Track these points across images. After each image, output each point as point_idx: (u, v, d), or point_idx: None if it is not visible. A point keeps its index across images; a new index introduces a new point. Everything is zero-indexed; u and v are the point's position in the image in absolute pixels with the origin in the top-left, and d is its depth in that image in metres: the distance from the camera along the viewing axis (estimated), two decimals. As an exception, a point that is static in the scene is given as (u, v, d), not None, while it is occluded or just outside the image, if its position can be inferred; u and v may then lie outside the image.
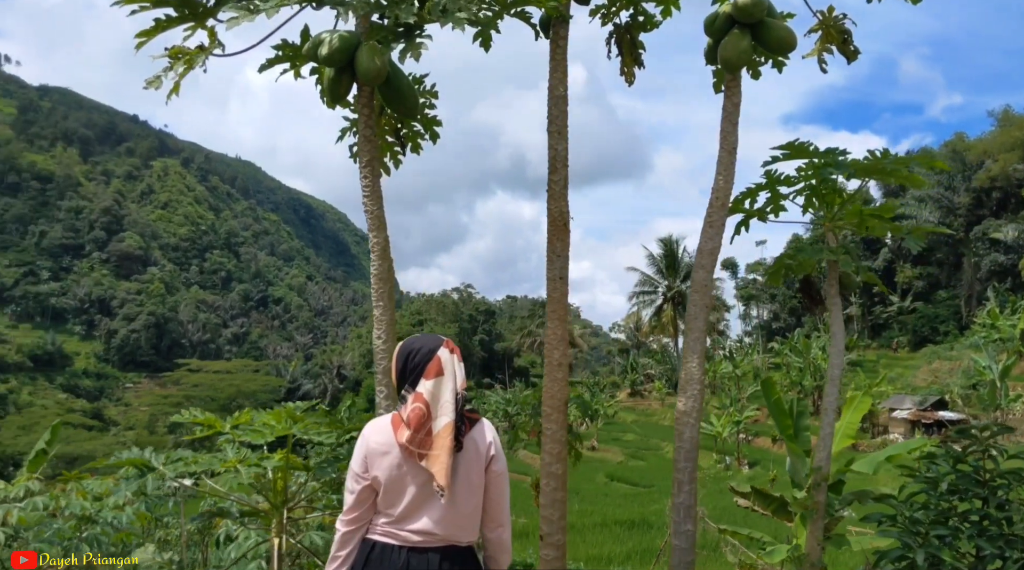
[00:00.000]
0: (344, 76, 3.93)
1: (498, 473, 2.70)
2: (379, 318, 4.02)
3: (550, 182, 4.42)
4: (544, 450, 4.41)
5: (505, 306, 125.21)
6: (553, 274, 4.42)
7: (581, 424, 57.59)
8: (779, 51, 4.57)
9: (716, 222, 4.54)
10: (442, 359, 2.65)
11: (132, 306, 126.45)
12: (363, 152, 3.98)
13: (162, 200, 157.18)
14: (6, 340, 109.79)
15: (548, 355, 4.41)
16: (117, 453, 4.98)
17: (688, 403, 4.49)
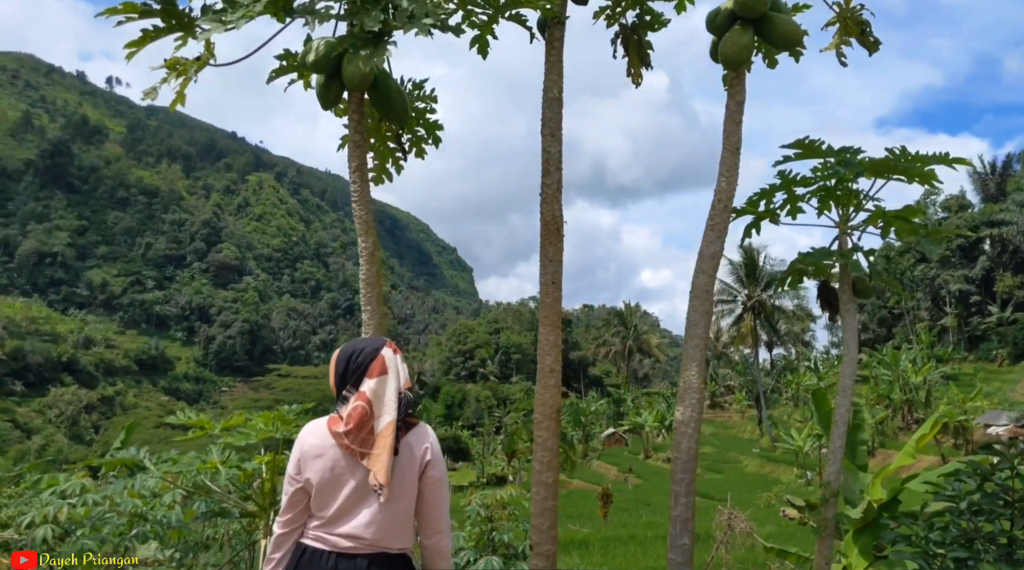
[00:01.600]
0: (334, 82, 3.96)
1: (434, 478, 2.62)
2: (367, 323, 4.01)
3: (543, 185, 4.33)
4: (535, 458, 4.29)
5: (582, 315, 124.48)
6: (546, 279, 4.32)
7: (658, 435, 56.56)
8: (784, 46, 4.35)
9: (718, 225, 4.34)
10: (386, 358, 2.62)
11: (228, 313, 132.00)
12: (352, 157, 4.00)
13: (257, 213, 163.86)
14: (115, 345, 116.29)
15: (540, 360, 4.31)
16: (113, 452, 5.13)
17: (686, 412, 4.30)
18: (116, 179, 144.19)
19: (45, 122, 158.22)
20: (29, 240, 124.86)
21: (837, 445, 4.55)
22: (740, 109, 4.34)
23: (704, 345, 4.37)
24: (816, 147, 4.40)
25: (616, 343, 78.14)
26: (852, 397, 4.43)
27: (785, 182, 4.69)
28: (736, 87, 4.36)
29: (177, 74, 3.70)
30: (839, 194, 4.54)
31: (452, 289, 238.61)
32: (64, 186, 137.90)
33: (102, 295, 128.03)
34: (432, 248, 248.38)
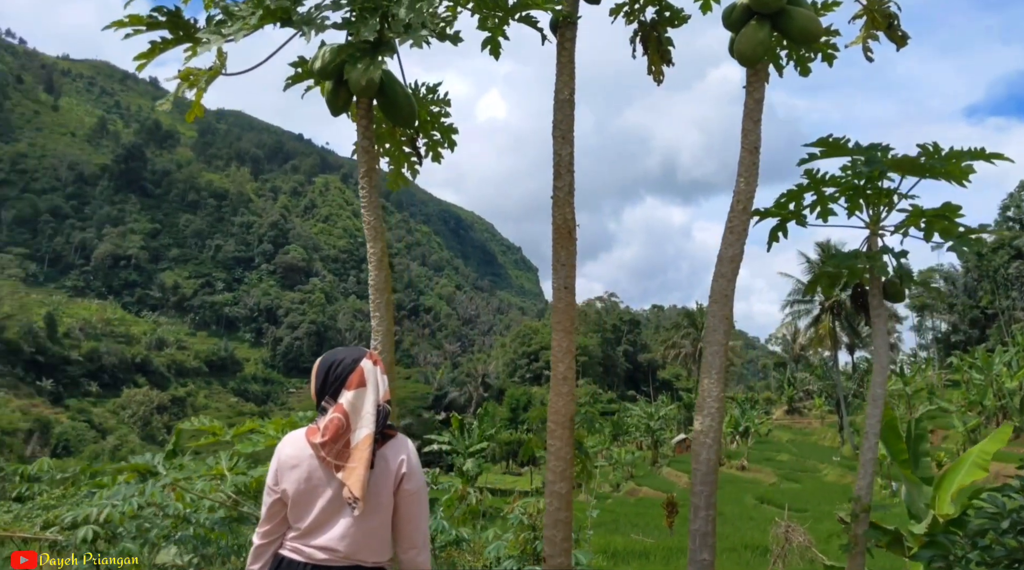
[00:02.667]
0: (341, 88, 4.08)
1: (410, 492, 2.63)
2: (376, 328, 4.11)
3: (554, 188, 4.35)
4: (548, 468, 4.31)
5: (651, 316, 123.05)
6: (558, 284, 4.34)
7: (732, 442, 55.39)
8: (803, 41, 4.26)
9: (737, 228, 4.27)
10: (365, 370, 2.64)
11: (295, 315, 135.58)
12: (361, 163, 4.11)
13: (323, 214, 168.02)
14: (186, 347, 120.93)
15: (553, 367, 4.32)
16: (130, 457, 5.35)
17: (705, 422, 4.25)
18: (187, 182, 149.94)
19: (120, 127, 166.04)
20: (105, 243, 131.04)
21: (868, 457, 4.41)
22: (759, 107, 4.27)
23: (724, 352, 4.31)
24: (841, 145, 4.29)
25: (686, 345, 76.93)
26: (882, 407, 4.29)
27: (813, 182, 4.57)
28: (754, 85, 4.28)
29: (189, 85, 3.88)
30: (869, 193, 4.40)
31: (517, 289, 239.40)
32: (138, 190, 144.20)
33: (174, 297, 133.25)
34: (497, 248, 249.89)
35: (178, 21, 3.65)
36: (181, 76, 3.90)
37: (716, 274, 4.36)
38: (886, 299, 4.39)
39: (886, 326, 4.33)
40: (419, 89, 4.65)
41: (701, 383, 4.31)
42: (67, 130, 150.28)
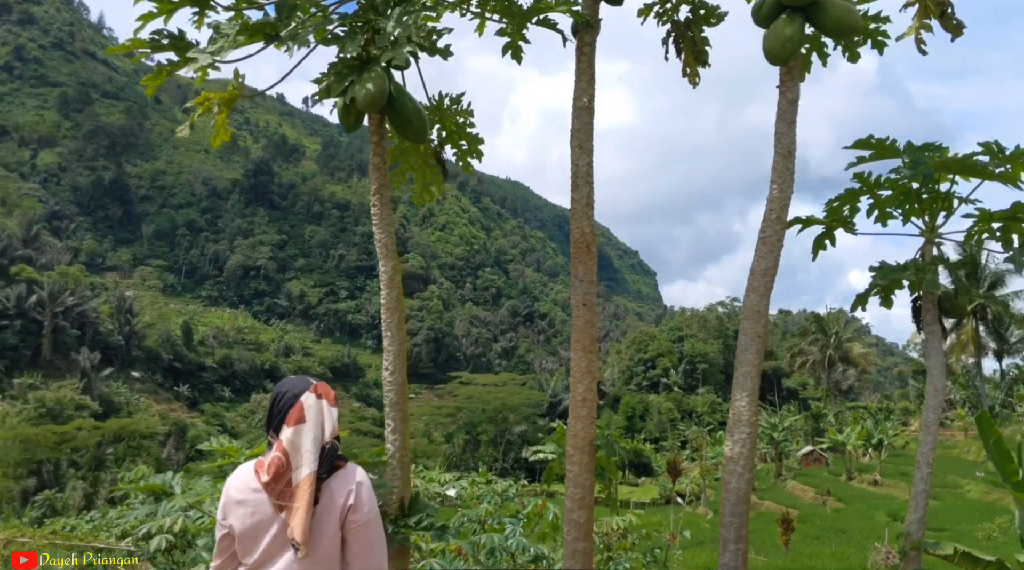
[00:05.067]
0: (352, 105, 4.12)
1: (357, 523, 2.56)
2: (387, 348, 4.12)
3: (572, 200, 4.21)
4: (567, 495, 4.16)
5: (778, 321, 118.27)
6: (577, 300, 4.19)
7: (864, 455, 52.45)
8: (838, 35, 3.94)
9: (771, 238, 3.98)
10: (304, 405, 2.58)
11: (414, 322, 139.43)
12: (373, 179, 4.14)
13: (440, 222, 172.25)
14: (311, 353, 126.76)
15: (572, 388, 4.18)
16: (154, 476, 5.53)
17: (736, 448, 3.98)
18: (312, 194, 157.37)
19: (249, 143, 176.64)
20: (236, 255, 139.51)
21: (919, 489, 4.02)
22: (793, 108, 3.97)
23: (757, 372, 4.03)
24: (890, 146, 3.93)
25: (814, 352, 73.57)
26: (936, 434, 3.88)
27: (867, 186, 4.21)
28: (788, 84, 4.00)
29: (204, 109, 4.03)
30: (924, 197, 4.01)
31: (634, 294, 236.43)
32: (266, 203, 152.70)
33: (300, 305, 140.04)
34: (612, 252, 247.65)
35: (182, 43, 3.77)
36: (198, 102, 4.06)
37: (748, 288, 4.10)
38: (943, 314, 3.97)
39: (941, 344, 3.92)
40: (442, 100, 4.63)
41: (732, 406, 4.05)
42: (201, 147, 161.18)
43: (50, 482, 48.44)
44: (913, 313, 4.24)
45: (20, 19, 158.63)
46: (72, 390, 74.39)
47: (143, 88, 3.94)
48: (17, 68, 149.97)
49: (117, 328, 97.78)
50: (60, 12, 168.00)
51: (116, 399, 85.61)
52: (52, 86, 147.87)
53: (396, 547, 4.23)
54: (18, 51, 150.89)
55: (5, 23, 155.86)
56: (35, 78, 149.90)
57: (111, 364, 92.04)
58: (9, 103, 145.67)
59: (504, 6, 4.18)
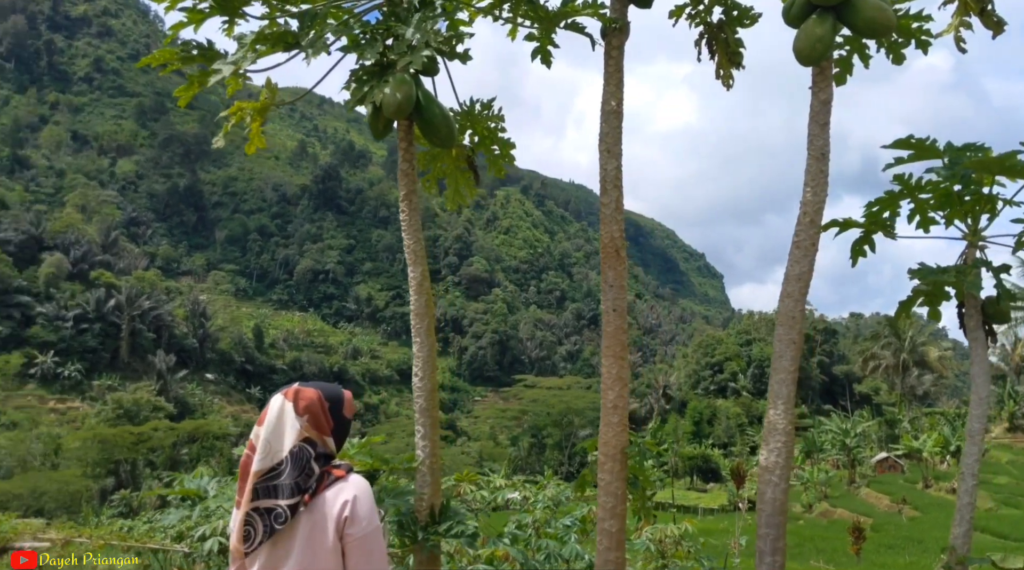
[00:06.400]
0: (380, 112, 4.19)
1: (354, 537, 2.50)
2: (417, 354, 4.17)
3: (602, 205, 4.20)
4: (599, 503, 4.13)
5: (850, 324, 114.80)
6: (607, 305, 4.17)
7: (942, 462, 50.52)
8: (871, 34, 3.83)
9: (804, 242, 3.89)
10: (270, 407, 2.62)
11: (479, 325, 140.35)
12: (402, 186, 4.20)
13: (504, 226, 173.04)
14: (378, 356, 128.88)
15: (603, 395, 4.15)
16: (188, 480, 5.66)
17: (771, 457, 3.89)
18: (378, 199, 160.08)
19: (318, 150, 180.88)
20: (305, 259, 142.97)
21: (964, 502, 3.85)
22: (826, 109, 3.88)
23: (793, 379, 3.94)
24: (929, 146, 3.78)
25: (887, 356, 71.20)
26: (981, 445, 3.72)
27: (908, 188, 4.07)
28: (821, 85, 3.90)
29: (237, 119, 4.17)
30: (967, 200, 3.85)
31: (701, 297, 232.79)
32: (334, 208, 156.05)
33: (367, 308, 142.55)
34: (678, 254, 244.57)
35: (210, 53, 3.89)
36: (230, 112, 4.19)
37: (782, 294, 4.01)
38: (988, 320, 3.81)
39: (986, 351, 3.76)
40: (473, 106, 4.67)
41: (767, 414, 3.96)
42: (271, 154, 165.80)
43: (127, 481, 50.46)
44: (962, 319, 4.08)
45: (99, 32, 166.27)
46: (148, 392, 77.44)
47: (215, 98, 4.13)
48: (96, 79, 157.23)
49: (191, 331, 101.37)
50: (137, 25, 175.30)
51: (190, 400, 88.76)
52: (129, 96, 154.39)
53: (426, 554, 4.27)
54: (97, 63, 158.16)
55: (85, 36, 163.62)
56: (113, 89, 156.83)
57: (186, 366, 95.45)
58: (89, 113, 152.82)
59: (532, 11, 4.19)
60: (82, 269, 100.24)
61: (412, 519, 4.27)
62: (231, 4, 3.89)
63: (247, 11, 3.96)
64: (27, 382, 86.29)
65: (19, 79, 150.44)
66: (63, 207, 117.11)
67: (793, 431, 3.93)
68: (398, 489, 4.39)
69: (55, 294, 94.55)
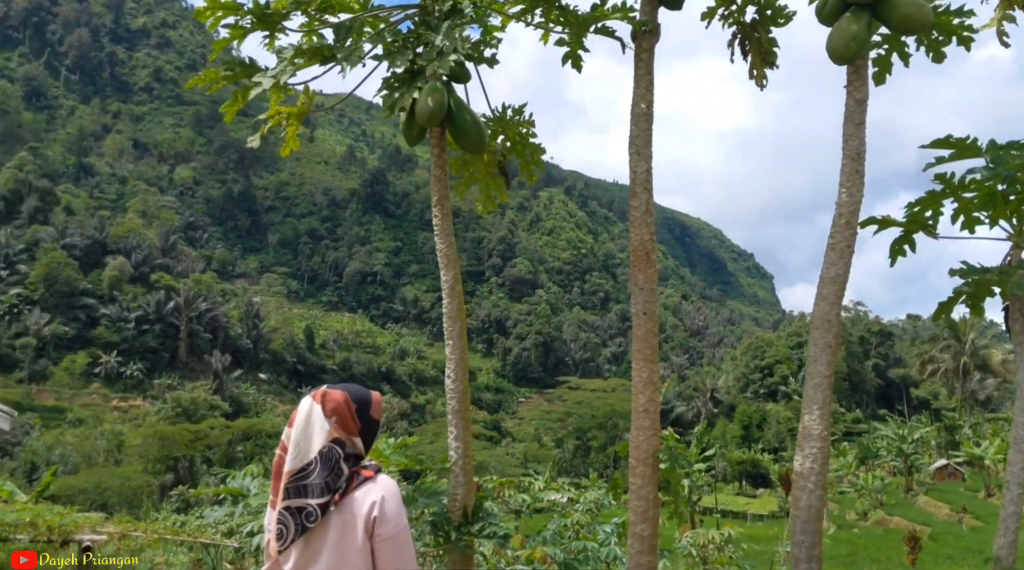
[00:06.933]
0: (414, 119, 4.25)
1: (383, 537, 2.55)
2: (449, 356, 4.21)
3: (631, 208, 4.17)
4: (631, 507, 4.10)
5: (907, 326, 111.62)
6: (637, 309, 4.14)
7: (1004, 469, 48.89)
8: (907, 32, 3.73)
9: (840, 244, 3.80)
10: (299, 409, 2.69)
11: (523, 326, 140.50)
12: (434, 191, 4.25)
13: (548, 227, 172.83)
14: (425, 356, 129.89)
15: (634, 399, 4.12)
16: (233, 479, 5.76)
17: (806, 463, 3.81)
18: (424, 202, 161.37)
19: (366, 154, 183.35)
20: (354, 261, 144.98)
21: (1009, 511, 3.73)
22: (861, 109, 3.79)
23: (828, 384, 3.86)
24: (969, 145, 3.67)
25: (946, 360, 69.06)
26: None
27: (950, 187, 3.95)
28: (856, 84, 3.81)
29: (275, 122, 4.27)
30: (1011, 199, 3.72)
31: (750, 299, 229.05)
32: (382, 211, 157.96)
33: (414, 310, 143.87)
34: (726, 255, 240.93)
35: (252, 69, 4.01)
36: (268, 115, 4.30)
37: (817, 297, 3.93)
38: (1033, 324, 3.68)
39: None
40: (505, 111, 4.69)
41: (802, 420, 3.89)
42: (321, 159, 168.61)
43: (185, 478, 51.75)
44: (1004, 322, 3.95)
45: (158, 43, 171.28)
46: (205, 391, 79.37)
47: (266, 106, 4.24)
48: (156, 89, 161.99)
49: (246, 332, 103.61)
50: (193, 35, 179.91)
51: (245, 399, 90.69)
52: (187, 105, 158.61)
53: (460, 554, 4.30)
54: (156, 73, 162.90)
55: (145, 47, 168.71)
56: (171, 98, 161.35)
57: (240, 366, 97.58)
58: (149, 122, 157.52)
59: (562, 15, 4.20)
60: (143, 272, 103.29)
61: (445, 519, 4.30)
62: (271, 19, 4.00)
63: (286, 24, 4.06)
64: (92, 381, 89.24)
65: (84, 90, 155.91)
66: (125, 213, 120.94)
67: (829, 437, 3.85)
68: (431, 489, 4.43)
69: (118, 296, 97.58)
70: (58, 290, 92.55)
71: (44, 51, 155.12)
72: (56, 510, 7.67)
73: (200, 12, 4.13)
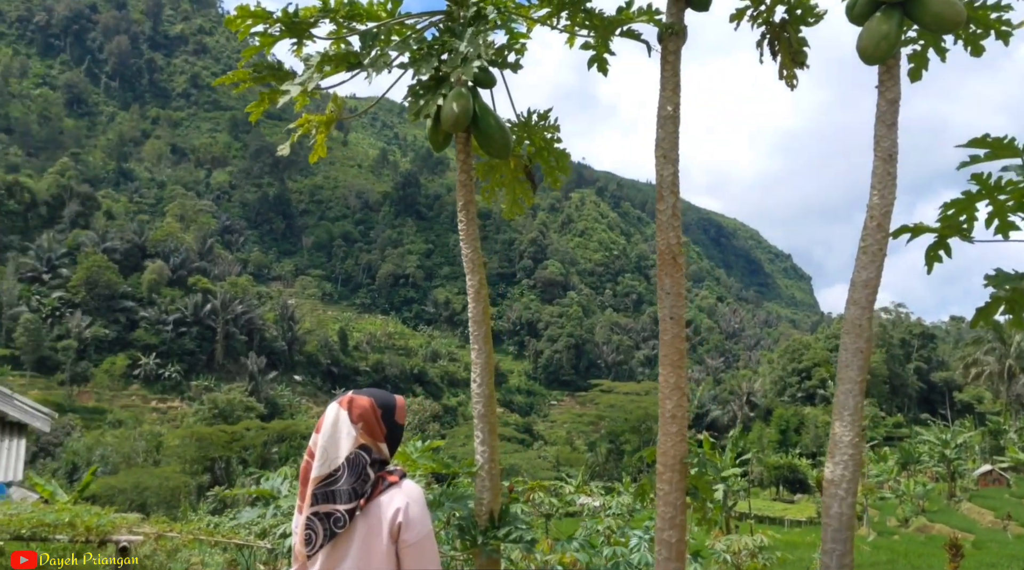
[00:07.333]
0: (439, 125, 4.29)
1: (408, 543, 2.57)
2: (475, 361, 4.23)
3: (658, 211, 4.15)
4: (657, 514, 4.07)
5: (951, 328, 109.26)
6: (664, 313, 4.12)
7: None
8: (939, 30, 3.66)
9: (872, 248, 3.74)
10: (326, 415, 2.71)
11: (555, 328, 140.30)
12: (459, 196, 4.28)
13: (579, 228, 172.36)
14: (456, 358, 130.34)
15: (661, 405, 4.10)
16: (265, 480, 5.82)
17: (837, 471, 3.76)
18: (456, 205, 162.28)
19: (398, 157, 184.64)
20: (387, 264, 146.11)
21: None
22: (893, 109, 3.73)
23: (860, 390, 3.80)
24: (1007, 145, 3.58)
25: (991, 363, 67.54)
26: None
27: (986, 188, 3.86)
28: (887, 84, 3.75)
29: (304, 131, 4.34)
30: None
31: (787, 300, 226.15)
32: (414, 214, 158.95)
33: (445, 312, 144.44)
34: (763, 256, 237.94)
35: (280, 73, 4.07)
36: (298, 124, 4.37)
37: (849, 301, 3.87)
38: (1073, 330, 3.58)
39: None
40: (531, 117, 4.71)
41: (833, 426, 3.83)
42: (354, 162, 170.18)
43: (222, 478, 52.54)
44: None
45: (195, 49, 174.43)
46: (241, 392, 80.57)
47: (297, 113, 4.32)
48: (193, 95, 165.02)
49: (281, 334, 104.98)
50: (230, 41, 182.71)
51: (280, 401, 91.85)
52: (223, 110, 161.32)
53: (486, 558, 4.31)
54: (194, 79, 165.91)
55: (182, 54, 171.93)
56: (208, 103, 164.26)
57: (275, 368, 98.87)
58: (187, 127, 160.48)
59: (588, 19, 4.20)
60: (181, 275, 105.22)
61: (472, 523, 4.31)
62: (300, 27, 4.07)
63: (314, 32, 4.13)
64: (131, 383, 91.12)
65: (123, 96, 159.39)
66: (163, 217, 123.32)
67: (861, 444, 3.79)
68: (458, 493, 4.44)
69: (156, 299, 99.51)
70: (99, 293, 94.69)
71: (85, 58, 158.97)
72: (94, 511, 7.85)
73: (230, 20, 4.21)
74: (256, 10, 4.02)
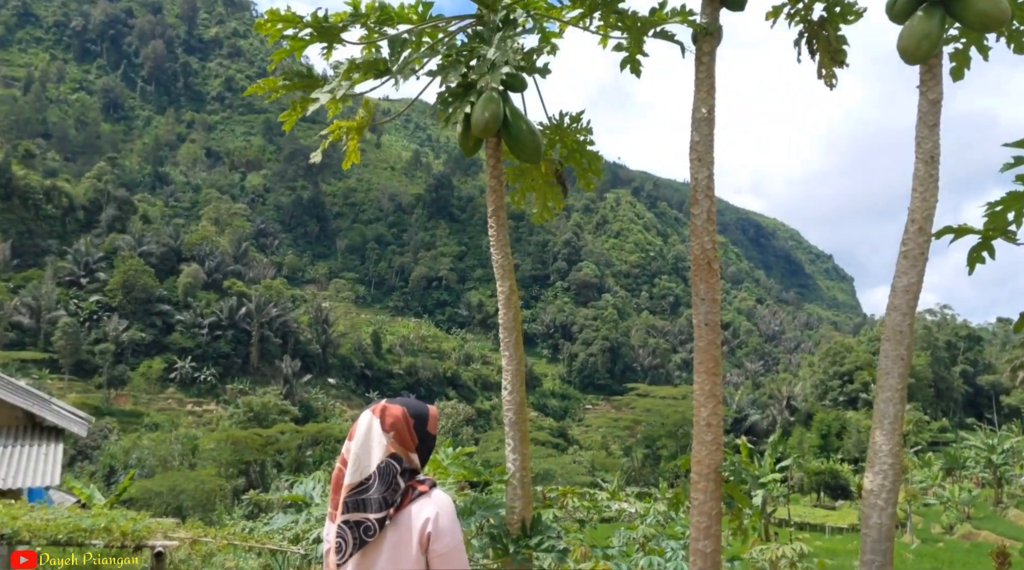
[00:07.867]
0: (470, 130, 4.30)
1: (437, 553, 2.59)
2: (506, 367, 4.23)
3: (692, 216, 4.11)
4: (692, 524, 4.03)
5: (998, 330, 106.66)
6: (699, 320, 4.08)
7: None
8: (983, 28, 3.58)
9: (913, 252, 3.67)
10: (359, 423, 2.74)
11: (589, 331, 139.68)
12: (489, 201, 4.29)
13: (614, 229, 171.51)
14: (490, 362, 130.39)
15: (696, 413, 4.06)
16: (298, 485, 5.87)
17: (877, 480, 3.69)
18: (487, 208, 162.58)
19: (431, 159, 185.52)
20: (420, 266, 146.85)
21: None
22: (935, 110, 3.65)
23: (901, 398, 3.73)
24: (1055, 143, 3.50)
25: (1040, 366, 65.75)
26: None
27: (1034, 188, 3.77)
28: (929, 84, 3.68)
29: (335, 137, 4.38)
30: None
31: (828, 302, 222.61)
32: (446, 216, 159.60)
33: (478, 315, 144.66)
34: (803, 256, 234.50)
35: (310, 80, 4.12)
36: (330, 130, 4.42)
37: (889, 307, 3.80)
38: None
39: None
40: (562, 119, 4.70)
41: (872, 435, 3.77)
42: (387, 165, 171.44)
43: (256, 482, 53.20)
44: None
45: (229, 53, 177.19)
46: (276, 395, 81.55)
47: (332, 119, 4.37)
48: (228, 98, 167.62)
49: (315, 337, 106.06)
50: (263, 44, 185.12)
51: (314, 404, 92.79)
52: (257, 113, 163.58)
53: (518, 567, 4.31)
54: (228, 82, 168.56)
55: (217, 57, 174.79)
56: (242, 106, 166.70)
57: (310, 371, 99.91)
58: (221, 131, 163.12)
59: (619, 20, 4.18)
60: (216, 279, 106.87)
61: (504, 532, 4.31)
62: (330, 32, 4.11)
63: (344, 37, 4.17)
64: (168, 386, 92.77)
65: (159, 100, 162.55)
66: (199, 220, 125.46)
67: (901, 453, 3.72)
68: (489, 501, 4.45)
69: (192, 303, 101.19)
70: (135, 297, 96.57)
71: (121, 63, 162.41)
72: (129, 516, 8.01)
73: (261, 24, 4.26)
74: (286, 14, 4.07)
